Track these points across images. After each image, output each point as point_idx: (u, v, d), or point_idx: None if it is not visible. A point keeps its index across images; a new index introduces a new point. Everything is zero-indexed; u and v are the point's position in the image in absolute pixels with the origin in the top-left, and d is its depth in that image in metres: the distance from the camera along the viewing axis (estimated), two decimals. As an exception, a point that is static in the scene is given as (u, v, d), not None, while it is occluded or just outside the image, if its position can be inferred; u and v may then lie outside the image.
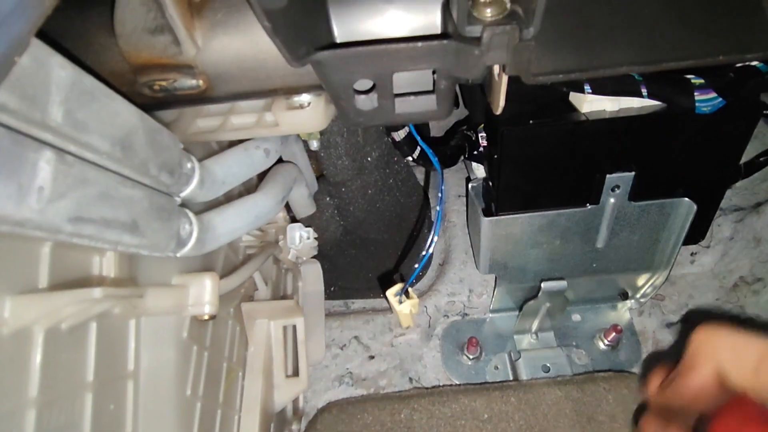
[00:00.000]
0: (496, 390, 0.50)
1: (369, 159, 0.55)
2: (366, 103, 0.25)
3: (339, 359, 0.59)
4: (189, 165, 0.28)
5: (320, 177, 0.57)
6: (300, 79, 0.28)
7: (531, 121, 0.43)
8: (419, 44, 0.22)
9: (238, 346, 0.40)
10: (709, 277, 0.64)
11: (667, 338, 0.61)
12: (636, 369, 0.58)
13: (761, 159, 0.60)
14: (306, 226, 0.53)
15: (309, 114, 0.31)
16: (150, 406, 0.29)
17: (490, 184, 0.51)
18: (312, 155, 0.55)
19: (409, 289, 0.33)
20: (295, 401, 0.53)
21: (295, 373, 0.46)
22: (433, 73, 0.25)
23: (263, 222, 0.36)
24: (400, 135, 0.47)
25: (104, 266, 0.25)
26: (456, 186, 0.76)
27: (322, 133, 0.45)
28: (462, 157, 0.56)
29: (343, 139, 0.50)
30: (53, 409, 0.21)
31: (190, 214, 0.28)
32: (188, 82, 0.27)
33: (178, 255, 0.27)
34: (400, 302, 0.32)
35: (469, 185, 0.56)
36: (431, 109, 0.26)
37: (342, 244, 0.63)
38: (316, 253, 0.56)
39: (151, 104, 0.29)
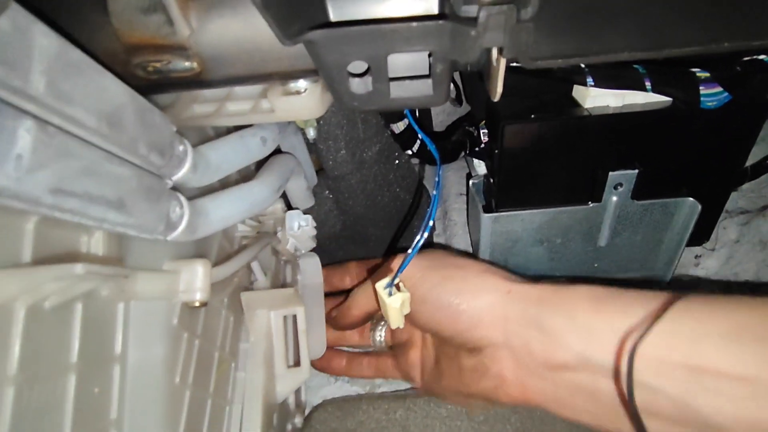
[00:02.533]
0: (442, 407, 0.50)
1: (369, 153, 0.54)
2: (360, 86, 0.25)
3: (335, 355, 0.59)
4: (181, 147, 0.27)
5: (319, 171, 0.57)
6: (295, 63, 0.28)
7: (532, 116, 0.43)
8: (414, 24, 0.21)
9: (231, 336, 0.40)
10: (713, 280, 0.63)
11: (669, 342, 0.60)
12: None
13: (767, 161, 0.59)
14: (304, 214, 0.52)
15: (305, 100, 0.30)
16: (137, 392, 0.28)
17: (491, 180, 0.50)
18: (311, 149, 0.55)
19: (401, 283, 0.32)
20: (297, 394, 0.52)
21: (297, 363, 0.45)
22: (430, 56, 0.24)
23: (258, 210, 0.36)
24: (399, 127, 0.46)
25: (92, 246, 0.24)
26: (457, 184, 0.76)
27: (319, 121, 0.45)
28: (463, 153, 0.55)
29: (343, 132, 0.49)
30: (33, 388, 0.21)
31: (181, 198, 0.28)
32: (182, 64, 0.27)
33: (168, 239, 0.27)
34: (390, 294, 0.31)
35: (470, 182, 0.55)
36: (427, 93, 0.25)
37: (340, 239, 0.62)
38: (314, 244, 0.55)
39: (145, 86, 0.28)
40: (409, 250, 0.30)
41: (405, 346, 0.47)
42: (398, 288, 0.32)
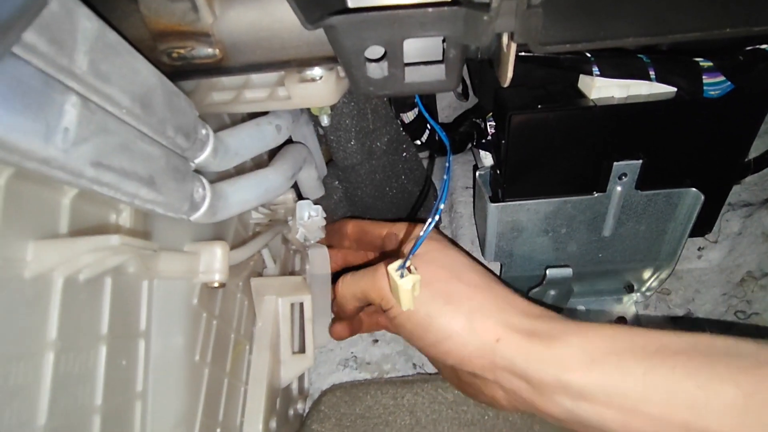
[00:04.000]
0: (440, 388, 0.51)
1: (378, 144, 0.55)
2: (377, 71, 0.26)
3: (344, 343, 0.60)
4: (204, 132, 0.28)
5: (329, 162, 0.58)
6: (312, 50, 0.29)
7: (539, 106, 0.44)
8: (430, 10, 0.22)
9: (246, 319, 0.41)
10: (716, 272, 0.64)
11: (672, 332, 0.61)
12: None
13: (770, 154, 0.60)
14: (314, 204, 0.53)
15: (321, 87, 0.32)
16: (160, 367, 0.29)
17: (498, 171, 0.51)
18: (322, 140, 0.56)
19: (412, 267, 0.33)
20: (301, 381, 0.54)
21: (302, 350, 0.46)
22: (443, 42, 0.25)
23: (272, 197, 0.37)
24: (409, 117, 0.48)
25: (120, 222, 0.26)
26: (463, 177, 0.77)
27: (332, 109, 0.46)
28: (469, 145, 0.56)
29: (353, 122, 0.51)
30: (69, 356, 0.22)
31: (204, 180, 0.29)
32: (205, 51, 0.28)
33: (192, 219, 0.28)
34: (402, 276, 0.32)
35: (477, 173, 0.56)
36: (440, 78, 0.26)
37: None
38: (323, 235, 0.56)
39: (170, 72, 0.29)
40: (421, 232, 0.31)
41: None
42: (409, 270, 0.33)
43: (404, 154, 0.60)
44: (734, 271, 0.62)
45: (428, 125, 0.50)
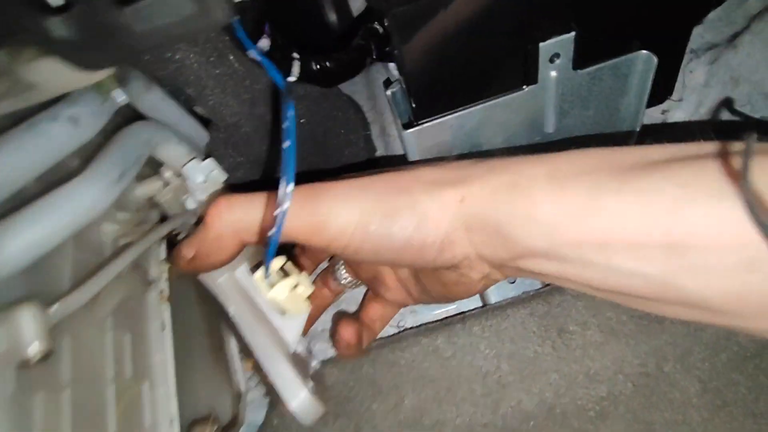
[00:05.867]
0: (457, 323, 0.45)
1: (258, 86, 0.44)
2: (69, 28, 0.15)
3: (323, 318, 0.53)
4: None
5: (207, 125, 0.47)
6: None
7: (426, -6, 0.33)
8: None
9: (133, 356, 0.34)
10: (684, 134, 0.56)
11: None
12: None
13: (734, -22, 0.49)
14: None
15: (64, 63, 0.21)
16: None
17: (404, 87, 0.41)
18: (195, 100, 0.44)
19: (289, 262, 0.25)
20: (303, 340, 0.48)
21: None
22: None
23: (91, 217, 0.28)
24: (263, 48, 0.36)
25: None
26: (383, 94, 0.65)
27: (123, 81, 0.34)
28: (369, 60, 0.45)
29: (212, 75, 0.39)
30: None
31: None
32: None
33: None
34: (271, 285, 0.24)
35: (387, 91, 0.46)
36: (187, 12, 0.16)
37: (254, 188, 0.54)
38: (226, 176, 0.46)
39: None
40: (270, 232, 0.22)
41: (376, 276, 0.41)
42: (284, 272, 0.25)
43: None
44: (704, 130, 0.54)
45: (295, 53, 0.38)
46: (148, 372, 0.35)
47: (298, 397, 0.36)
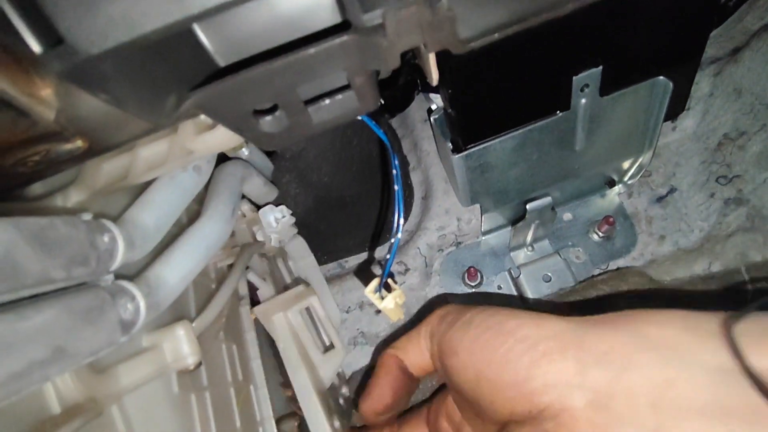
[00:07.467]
0: None
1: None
2: (274, 124, 0.21)
3: (348, 323, 0.59)
4: (106, 238, 0.24)
5: (272, 154, 0.52)
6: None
7: (478, 44, 0.38)
8: (312, 51, 0.17)
9: (240, 362, 0.40)
10: (692, 140, 0.62)
11: (659, 213, 0.61)
12: (634, 252, 0.59)
13: (731, 2, 0.55)
14: (276, 206, 0.49)
15: (220, 133, 0.26)
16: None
17: (451, 114, 0.46)
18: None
19: (389, 281, 0.31)
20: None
21: (330, 346, 0.46)
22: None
23: (217, 248, 0.33)
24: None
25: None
26: (420, 110, 0.71)
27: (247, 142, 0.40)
28: (416, 92, 0.51)
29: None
30: None
31: (130, 287, 0.25)
32: (64, 147, 0.23)
33: (132, 333, 0.25)
34: (382, 298, 0.30)
35: (431, 118, 0.51)
36: (353, 107, 0.22)
37: (318, 210, 0.60)
38: (296, 230, 0.53)
39: (34, 174, 0.24)
40: (387, 255, 0.28)
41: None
42: (388, 288, 0.31)
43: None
44: (710, 137, 0.60)
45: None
46: (252, 376, 0.41)
47: None
